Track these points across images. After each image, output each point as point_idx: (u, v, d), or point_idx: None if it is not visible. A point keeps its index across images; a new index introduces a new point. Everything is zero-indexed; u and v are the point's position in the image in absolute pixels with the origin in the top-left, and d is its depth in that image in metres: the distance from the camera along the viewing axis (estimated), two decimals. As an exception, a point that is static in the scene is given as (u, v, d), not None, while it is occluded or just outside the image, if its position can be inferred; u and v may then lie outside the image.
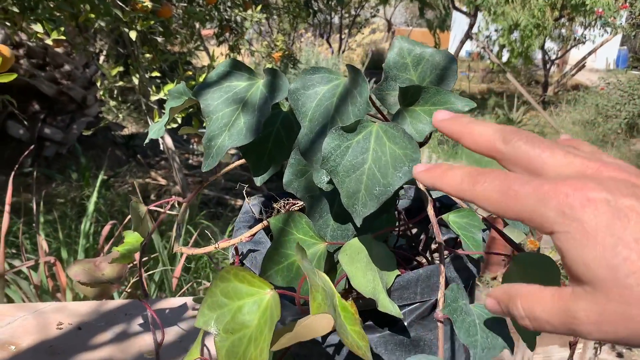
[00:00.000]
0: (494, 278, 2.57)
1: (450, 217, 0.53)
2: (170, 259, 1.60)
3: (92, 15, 1.50)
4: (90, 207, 1.67)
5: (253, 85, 0.55)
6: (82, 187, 2.91)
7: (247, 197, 0.59)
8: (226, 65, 0.57)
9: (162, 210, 0.75)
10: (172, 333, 0.79)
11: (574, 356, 2.09)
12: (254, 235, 0.56)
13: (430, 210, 0.46)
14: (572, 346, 0.63)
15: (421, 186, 0.48)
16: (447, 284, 0.53)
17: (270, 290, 0.40)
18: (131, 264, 0.75)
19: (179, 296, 1.38)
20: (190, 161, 3.82)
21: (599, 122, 6.04)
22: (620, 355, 2.33)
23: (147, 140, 0.74)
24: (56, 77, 3.50)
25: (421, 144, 0.53)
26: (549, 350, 2.20)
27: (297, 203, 0.58)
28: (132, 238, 0.69)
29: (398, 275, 0.50)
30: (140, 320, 0.83)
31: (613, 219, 0.25)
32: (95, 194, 1.72)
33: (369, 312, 0.51)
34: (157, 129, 0.71)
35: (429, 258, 0.60)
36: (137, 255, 0.71)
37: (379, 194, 0.42)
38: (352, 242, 0.47)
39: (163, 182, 3.29)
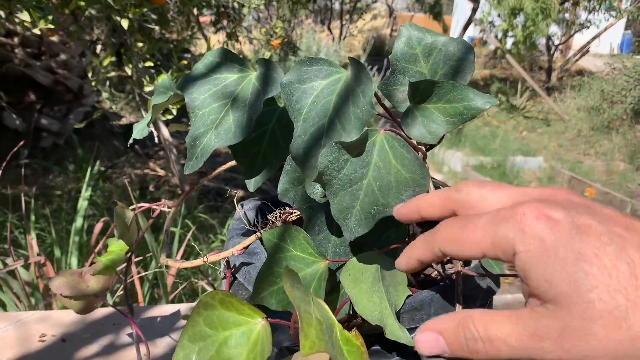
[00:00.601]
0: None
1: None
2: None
3: (82, 3, 1.44)
4: (81, 202, 1.61)
5: (245, 78, 0.49)
6: (79, 179, 2.85)
7: (237, 201, 0.53)
8: (215, 55, 0.51)
9: (156, 208, 0.69)
10: (163, 345, 0.74)
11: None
12: (246, 247, 0.50)
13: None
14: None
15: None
16: (463, 304, 0.47)
17: (262, 320, 0.35)
18: (119, 276, 0.70)
19: (175, 296, 1.33)
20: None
21: (604, 108, 5.95)
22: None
23: (130, 141, 0.68)
24: (52, 67, 3.43)
25: (431, 147, 0.47)
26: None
27: (295, 212, 0.52)
28: (116, 247, 0.64)
29: (409, 296, 0.44)
30: (129, 330, 0.77)
31: (572, 235, 0.25)
32: (85, 189, 1.66)
33: (376, 335, 0.46)
34: (140, 129, 0.65)
35: (442, 271, 0.54)
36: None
37: (375, 213, 0.36)
38: (355, 260, 0.41)
39: (162, 173, 3.23)
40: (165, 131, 2.25)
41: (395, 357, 0.46)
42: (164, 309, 0.82)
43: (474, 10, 5.70)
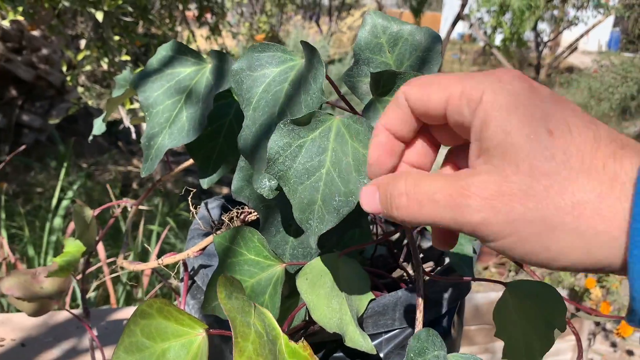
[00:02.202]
0: (486, 268, 2.51)
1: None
2: (142, 254, 1.51)
3: (56, -5, 1.40)
4: (54, 201, 1.57)
5: (199, 72, 0.46)
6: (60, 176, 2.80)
7: (191, 201, 0.50)
8: (168, 49, 0.48)
9: (120, 207, 0.66)
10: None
11: (567, 349, 2.03)
12: (203, 249, 0.48)
13: (408, 233, 0.37)
14: (578, 342, 0.55)
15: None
16: (428, 307, 0.45)
17: (202, 332, 0.32)
18: (94, 268, 0.67)
19: (152, 296, 1.30)
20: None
21: (592, 105, 5.97)
22: (614, 344, 2.29)
23: (90, 137, 0.66)
24: (33, 62, 3.37)
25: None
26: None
27: (255, 212, 0.49)
28: (73, 247, 0.60)
29: (372, 299, 0.42)
30: (94, 333, 0.74)
31: (546, 99, 0.24)
32: (59, 187, 1.62)
33: (338, 341, 0.43)
34: (98, 126, 0.62)
35: (411, 273, 0.51)
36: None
37: (338, 206, 0.33)
38: (314, 263, 0.38)
39: (145, 170, 3.19)
40: (144, 126, 2.21)
41: (359, 365, 0.44)
42: (130, 311, 0.79)
43: (463, 7, 5.68)
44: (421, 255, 0.56)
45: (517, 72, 0.25)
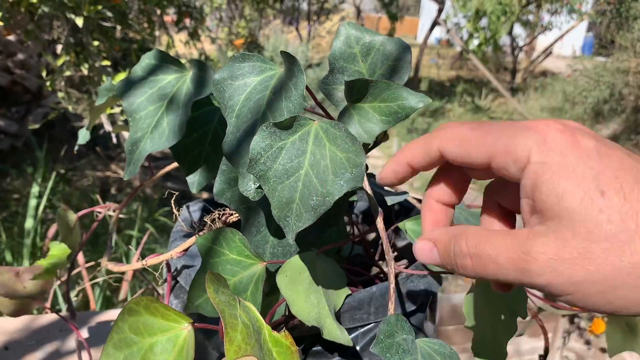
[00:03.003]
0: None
1: (407, 225, 0.48)
2: (121, 259, 1.51)
3: (34, 1, 1.40)
4: (32, 202, 1.56)
5: (180, 79, 0.48)
6: (37, 182, 2.77)
7: (175, 202, 0.52)
8: (151, 57, 0.49)
9: (101, 212, 0.68)
10: (110, 351, 0.72)
11: (543, 347, 2.08)
12: (186, 250, 0.49)
13: (379, 223, 0.40)
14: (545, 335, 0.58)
15: (368, 189, 0.42)
16: (403, 303, 0.47)
17: (188, 325, 0.34)
18: (73, 273, 0.68)
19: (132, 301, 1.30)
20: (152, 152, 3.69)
21: (566, 108, 6.10)
22: (588, 342, 2.34)
23: (76, 147, 0.67)
24: (9, 67, 3.33)
25: (373, 146, 0.47)
26: (519, 341, 2.19)
27: (236, 213, 0.51)
28: (58, 250, 0.62)
29: (349, 295, 0.44)
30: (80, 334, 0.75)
31: (594, 155, 0.24)
32: (35, 191, 1.61)
33: (316, 335, 0.46)
34: (83, 135, 0.63)
35: (386, 270, 0.54)
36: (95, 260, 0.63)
37: (316, 205, 0.35)
38: (292, 261, 0.41)
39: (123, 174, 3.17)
40: (125, 132, 2.20)
41: (337, 358, 0.46)
42: (113, 314, 0.80)
43: (439, 12, 5.77)
44: (396, 254, 0.58)
45: (559, 125, 0.26)
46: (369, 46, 0.45)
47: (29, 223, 1.45)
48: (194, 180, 0.51)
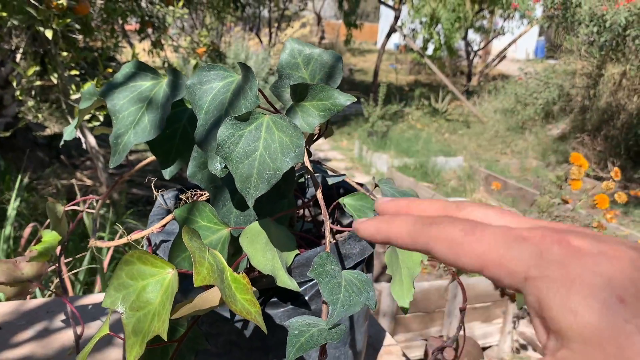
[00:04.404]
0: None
1: (345, 200, 0.59)
2: (97, 257, 1.59)
3: (4, 14, 1.47)
4: (10, 210, 1.63)
5: (157, 85, 0.58)
6: (1, 192, 2.80)
7: (157, 190, 0.62)
8: (131, 66, 0.60)
9: (80, 209, 0.77)
10: (95, 327, 0.81)
11: (495, 331, 2.22)
12: (164, 225, 0.60)
13: (318, 194, 0.51)
14: (461, 312, 0.70)
15: (308, 164, 0.53)
16: (342, 261, 0.59)
17: (172, 270, 0.45)
18: (54, 266, 0.77)
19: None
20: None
21: (518, 109, 6.38)
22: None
23: (62, 142, 0.76)
24: (-31, 77, 3.32)
25: (319, 135, 0.59)
26: (472, 326, 2.34)
27: (204, 194, 0.62)
28: (50, 237, 0.71)
29: (298, 254, 0.55)
30: (62, 317, 0.84)
31: (600, 260, 0.22)
32: (14, 197, 1.67)
33: (274, 289, 0.57)
34: (69, 131, 0.73)
35: (332, 240, 0.65)
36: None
37: (269, 177, 0.46)
38: (252, 226, 0.52)
39: (89, 182, 3.21)
40: (92, 139, 2.27)
41: (290, 306, 0.57)
42: (95, 298, 0.90)
43: (396, 19, 5.97)
44: (339, 225, 0.70)
45: (555, 235, 0.23)
46: (309, 57, 0.56)
47: (7, 230, 1.52)
48: (167, 169, 0.62)
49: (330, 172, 0.71)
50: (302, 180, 0.69)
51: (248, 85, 0.49)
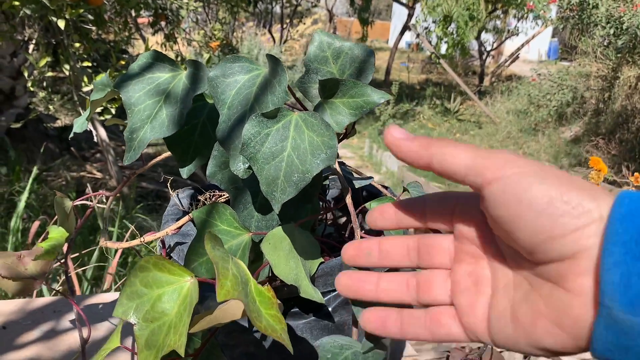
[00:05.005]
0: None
1: (372, 205, 0.55)
2: (105, 255, 1.56)
3: (17, 3, 1.44)
4: (22, 203, 1.60)
5: (176, 77, 0.55)
6: (11, 182, 2.78)
7: (172, 189, 0.59)
8: (148, 57, 0.56)
9: (90, 204, 0.74)
10: (103, 329, 0.78)
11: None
12: (180, 227, 0.56)
13: (348, 199, 0.47)
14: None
15: (337, 168, 0.49)
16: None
17: (191, 278, 0.41)
18: (59, 262, 0.74)
19: (114, 292, 1.36)
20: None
21: (531, 111, 6.30)
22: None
23: (71, 134, 0.73)
24: (-20, 67, 3.31)
25: (344, 136, 0.55)
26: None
27: (223, 195, 0.58)
28: (57, 233, 0.68)
29: (322, 262, 0.52)
30: (70, 317, 0.81)
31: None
32: (28, 190, 1.65)
33: (295, 299, 0.53)
34: (80, 123, 0.69)
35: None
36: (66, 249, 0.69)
37: (297, 181, 0.42)
38: (275, 231, 0.48)
39: (99, 175, 3.19)
40: (102, 132, 2.24)
41: (312, 317, 0.53)
42: (104, 297, 0.86)
43: (410, 16, 5.91)
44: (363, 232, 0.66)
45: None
46: (339, 50, 0.53)
47: (14, 222, 1.49)
48: (184, 167, 0.58)
49: (355, 174, 0.67)
50: (326, 182, 0.65)
51: (276, 79, 0.45)
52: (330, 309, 0.54)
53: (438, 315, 0.34)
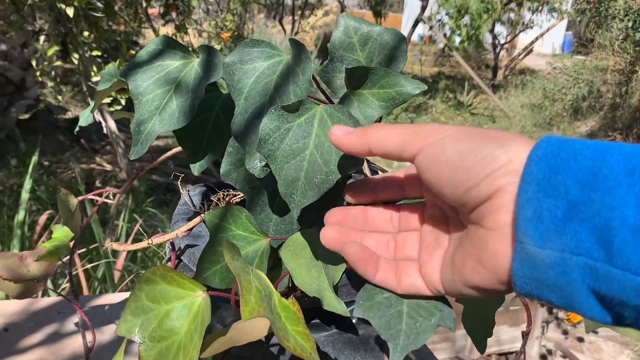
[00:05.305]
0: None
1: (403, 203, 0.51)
2: (113, 250, 1.53)
3: (24, -9, 1.39)
4: (24, 195, 1.56)
5: (187, 65, 0.50)
6: (22, 174, 2.76)
7: (183, 186, 0.54)
8: (158, 42, 0.52)
9: (98, 199, 0.69)
10: (109, 332, 0.74)
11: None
12: (191, 229, 0.52)
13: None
14: (525, 336, 0.61)
15: (367, 170, 0.45)
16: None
17: (202, 293, 0.36)
18: (62, 261, 0.70)
19: (121, 289, 1.32)
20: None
21: (546, 105, 6.20)
22: (565, 332, 2.41)
23: (77, 129, 0.68)
24: (-9, 57, 3.29)
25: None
26: (499, 330, 2.24)
27: (238, 194, 0.53)
28: (61, 233, 0.63)
29: (346, 270, 0.47)
30: (75, 319, 0.77)
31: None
32: (28, 181, 1.61)
33: (316, 309, 0.48)
34: (86, 116, 0.65)
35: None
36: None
37: (320, 183, 0.38)
38: (295, 237, 0.43)
39: (108, 167, 3.16)
40: (112, 124, 2.20)
41: (334, 330, 0.49)
42: (111, 298, 0.82)
43: (423, 9, 5.82)
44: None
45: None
46: (366, 36, 0.47)
47: (20, 215, 1.46)
48: (196, 163, 0.54)
49: (380, 172, 0.62)
50: (350, 180, 0.60)
51: (300, 67, 0.40)
52: (354, 321, 0.49)
53: (406, 266, 0.37)
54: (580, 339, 2.41)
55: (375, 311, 0.37)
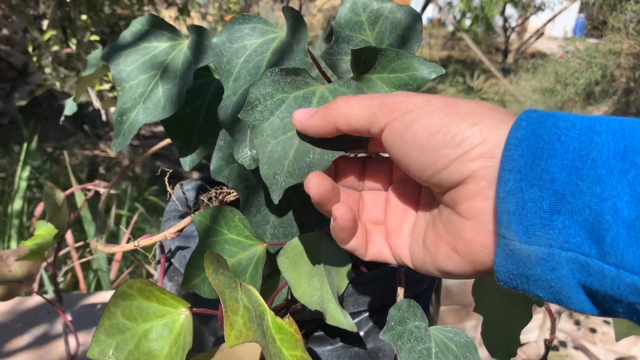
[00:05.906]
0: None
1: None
2: (110, 239, 1.48)
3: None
4: (22, 183, 1.52)
5: (175, 47, 0.45)
6: (24, 161, 2.72)
7: (169, 183, 0.49)
8: (143, 22, 0.46)
9: (93, 190, 0.65)
10: (101, 333, 0.70)
11: (534, 327, 2.07)
12: (181, 230, 0.47)
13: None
14: (548, 344, 0.56)
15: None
16: (407, 287, 0.45)
17: (185, 310, 0.32)
18: (46, 262, 0.66)
19: (121, 282, 1.28)
20: (142, 131, 3.63)
21: (558, 90, 6.09)
22: (578, 322, 2.36)
23: (62, 118, 0.64)
24: (-7, 42, 3.24)
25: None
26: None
27: (233, 192, 0.48)
28: (44, 230, 0.59)
29: (353, 278, 0.42)
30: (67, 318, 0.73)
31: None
32: (22, 168, 1.56)
33: (319, 320, 0.44)
34: (69, 106, 0.60)
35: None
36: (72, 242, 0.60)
37: (311, 162, 0.32)
38: (294, 242, 0.38)
39: (113, 154, 3.13)
40: (113, 110, 2.16)
41: (339, 343, 0.44)
42: (104, 296, 0.78)
43: (433, -9, 5.70)
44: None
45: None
46: (377, 13, 0.42)
47: (17, 204, 1.41)
48: (186, 157, 0.49)
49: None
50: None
51: (295, 38, 0.35)
52: (362, 334, 0.44)
53: (373, 232, 0.34)
54: (593, 330, 2.36)
55: (405, 341, 0.32)
